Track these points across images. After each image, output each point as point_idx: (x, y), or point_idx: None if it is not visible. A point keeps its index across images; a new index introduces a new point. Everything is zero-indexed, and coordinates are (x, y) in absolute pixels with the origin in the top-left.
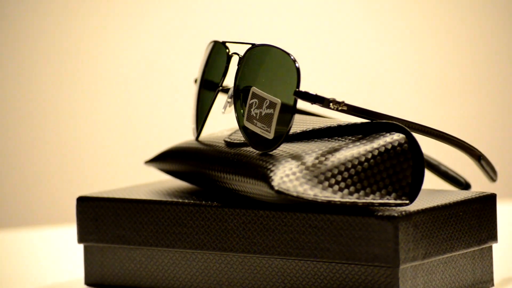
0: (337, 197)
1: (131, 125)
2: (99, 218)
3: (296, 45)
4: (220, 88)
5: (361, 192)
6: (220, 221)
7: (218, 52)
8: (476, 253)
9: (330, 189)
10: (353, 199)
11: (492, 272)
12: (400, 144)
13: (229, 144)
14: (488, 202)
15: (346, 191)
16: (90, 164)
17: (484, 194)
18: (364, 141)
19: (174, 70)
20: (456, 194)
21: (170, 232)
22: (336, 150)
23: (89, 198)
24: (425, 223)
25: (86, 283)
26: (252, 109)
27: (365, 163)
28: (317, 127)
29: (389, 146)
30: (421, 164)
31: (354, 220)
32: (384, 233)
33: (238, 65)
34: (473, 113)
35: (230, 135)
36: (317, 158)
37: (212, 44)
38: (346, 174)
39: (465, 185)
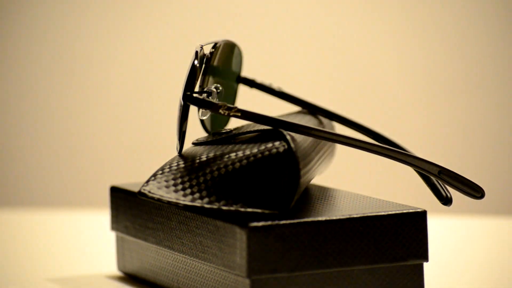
0: (202, 202)
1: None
2: (118, 208)
3: (294, 46)
4: None
5: (230, 200)
6: (168, 219)
7: None
8: (390, 270)
9: (197, 194)
10: (218, 205)
11: None
12: (278, 153)
13: None
14: (411, 219)
15: (214, 197)
16: (147, 153)
17: (407, 210)
18: (245, 148)
19: None
20: (375, 207)
21: (147, 227)
22: (219, 156)
23: (115, 189)
24: (296, 235)
25: (119, 269)
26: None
27: (237, 170)
28: (236, 132)
29: (266, 154)
30: (296, 174)
31: (228, 228)
32: (241, 242)
33: None
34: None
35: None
36: (194, 163)
37: None
38: (217, 180)
39: (445, 200)
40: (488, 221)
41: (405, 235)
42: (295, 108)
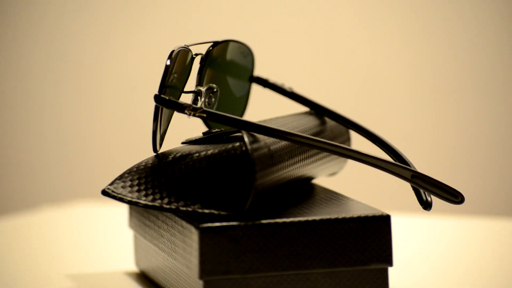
0: (161, 202)
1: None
2: (131, 206)
3: (290, 45)
4: None
5: (188, 200)
6: (157, 218)
7: None
8: (351, 274)
9: (158, 194)
10: (177, 205)
11: None
12: (235, 154)
13: None
14: (374, 223)
15: (173, 197)
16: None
17: (369, 214)
18: (210, 149)
19: None
20: (337, 210)
21: (145, 225)
22: (184, 156)
23: None
24: (250, 237)
25: (136, 265)
26: None
27: (197, 170)
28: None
29: (224, 155)
30: (251, 176)
31: (188, 228)
32: (195, 242)
33: None
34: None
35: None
36: (160, 163)
37: None
38: (178, 180)
39: (425, 204)
40: (467, 223)
41: (367, 239)
42: (305, 109)
